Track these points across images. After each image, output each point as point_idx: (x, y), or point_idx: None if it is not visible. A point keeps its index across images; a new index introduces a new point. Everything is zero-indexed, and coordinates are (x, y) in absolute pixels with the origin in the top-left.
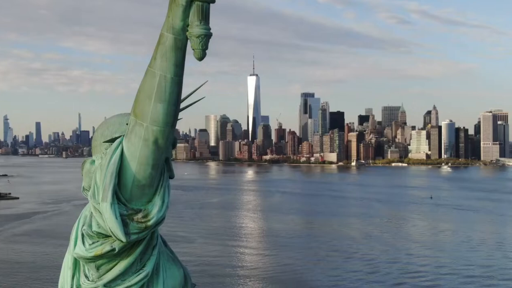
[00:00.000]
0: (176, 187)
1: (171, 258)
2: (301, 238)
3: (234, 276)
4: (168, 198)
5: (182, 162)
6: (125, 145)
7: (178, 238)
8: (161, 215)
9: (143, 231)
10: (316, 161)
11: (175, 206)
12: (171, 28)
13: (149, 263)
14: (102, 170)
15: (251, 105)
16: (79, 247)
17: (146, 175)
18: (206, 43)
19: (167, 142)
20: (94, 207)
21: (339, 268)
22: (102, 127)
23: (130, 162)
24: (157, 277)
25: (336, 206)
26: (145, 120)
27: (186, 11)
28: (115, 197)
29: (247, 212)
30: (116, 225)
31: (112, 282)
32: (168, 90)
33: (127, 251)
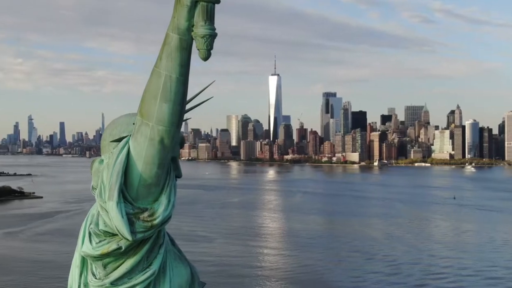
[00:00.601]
0: (197, 186)
1: (178, 256)
2: (322, 238)
3: (254, 277)
4: (174, 197)
5: (203, 162)
6: (132, 145)
7: (199, 237)
8: (167, 214)
9: (149, 230)
10: (338, 161)
11: (196, 206)
12: (176, 28)
13: (155, 261)
14: (109, 169)
15: (272, 105)
16: (86, 246)
17: (152, 174)
18: (211, 43)
19: (173, 142)
20: (101, 206)
21: (361, 269)
22: (111, 127)
23: (136, 162)
24: (164, 275)
25: (357, 207)
26: (150, 120)
27: (191, 12)
28: (121, 196)
29: (268, 212)
30: (122, 224)
31: (118, 280)
32: (174, 90)
33: (134, 249)
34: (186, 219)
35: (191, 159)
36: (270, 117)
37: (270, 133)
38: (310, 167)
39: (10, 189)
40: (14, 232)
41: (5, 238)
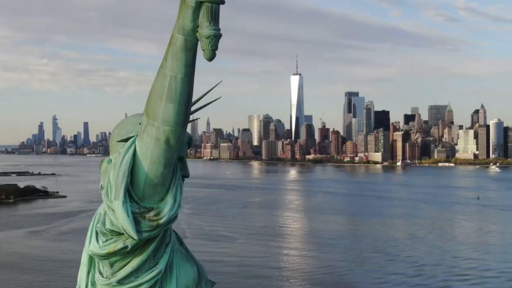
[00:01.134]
0: (218, 186)
1: (185, 256)
2: (344, 238)
3: (275, 277)
4: (180, 197)
5: (225, 161)
6: (138, 145)
7: (220, 237)
8: (172, 214)
9: (155, 229)
10: (360, 161)
11: (218, 205)
12: (182, 29)
13: (162, 260)
14: (115, 169)
15: (294, 104)
16: (93, 244)
17: (158, 174)
18: (215, 43)
19: (178, 142)
20: (107, 205)
21: (383, 270)
22: (119, 127)
23: (142, 161)
24: (171, 274)
25: (380, 207)
26: (156, 120)
27: (196, 12)
28: (127, 195)
29: (289, 212)
30: (128, 223)
31: (125, 279)
32: (179, 90)
33: (140, 248)
34: (207, 218)
35: (213, 158)
36: (292, 116)
37: (292, 133)
38: (332, 167)
39: (35, 188)
40: (38, 231)
41: (29, 237)
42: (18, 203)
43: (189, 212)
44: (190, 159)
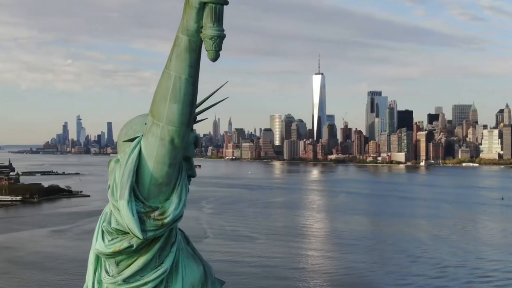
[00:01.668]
0: (240, 186)
1: (191, 255)
2: (366, 239)
3: (296, 278)
4: (185, 196)
5: (247, 161)
6: (143, 145)
7: (241, 237)
8: (177, 213)
9: (159, 229)
10: (383, 161)
11: (239, 205)
12: (186, 30)
13: (167, 259)
14: (121, 168)
15: (316, 104)
16: (99, 243)
17: (163, 174)
18: (219, 44)
19: (183, 142)
20: (113, 204)
21: (405, 271)
22: (126, 127)
23: (147, 161)
24: (176, 273)
25: (402, 207)
26: (161, 120)
27: (200, 13)
28: (132, 194)
29: (311, 212)
30: (133, 222)
31: (131, 277)
32: (183, 90)
33: (146, 247)
34: (229, 218)
35: (235, 158)
36: (313, 116)
37: (314, 132)
38: (354, 167)
39: (59, 187)
40: (61, 230)
41: (52, 236)
42: (42, 202)
43: (210, 212)
44: (212, 159)
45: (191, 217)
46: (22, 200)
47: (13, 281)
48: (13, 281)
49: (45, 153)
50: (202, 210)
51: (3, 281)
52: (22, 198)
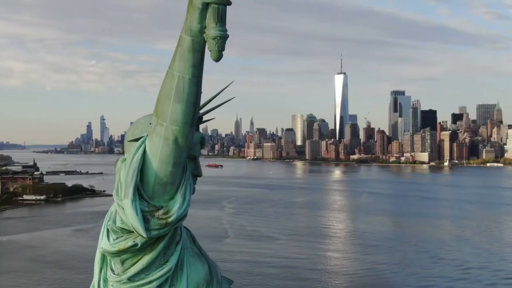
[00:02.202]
0: (261, 186)
1: (196, 254)
2: (388, 240)
3: (317, 279)
4: (189, 196)
5: (268, 161)
6: (148, 144)
7: (262, 237)
8: (181, 212)
9: (164, 227)
10: (406, 161)
11: (260, 205)
12: (189, 30)
13: (172, 258)
14: (126, 168)
15: (338, 104)
16: (104, 242)
17: (167, 173)
18: (222, 44)
19: (187, 141)
20: (117, 203)
21: (428, 272)
22: (133, 127)
23: (152, 161)
24: (181, 272)
25: (425, 208)
26: (165, 120)
27: (203, 14)
28: (136, 194)
29: (332, 213)
30: (137, 221)
31: (136, 276)
32: (187, 90)
33: (151, 246)
34: (250, 218)
35: (256, 158)
36: (336, 116)
37: (336, 132)
38: (377, 167)
39: (82, 187)
40: (84, 229)
41: (75, 235)
42: (66, 202)
43: (232, 211)
44: (234, 158)
45: (213, 217)
46: (46, 200)
47: (34, 280)
48: (34, 280)
49: (69, 153)
50: (224, 210)
51: (25, 279)
52: (46, 198)
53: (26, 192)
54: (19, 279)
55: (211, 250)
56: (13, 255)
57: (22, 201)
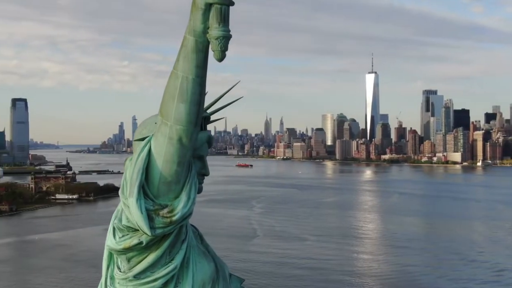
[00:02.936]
0: (291, 185)
1: (202, 252)
2: (420, 240)
3: (346, 281)
4: (194, 195)
5: (298, 161)
6: (153, 144)
7: (291, 237)
8: (186, 211)
9: (168, 226)
10: (438, 161)
11: (289, 205)
12: (193, 31)
13: (177, 256)
14: (131, 167)
15: (369, 103)
16: (110, 240)
17: (171, 172)
18: (225, 44)
19: (191, 141)
20: (123, 202)
21: (459, 274)
22: (141, 126)
23: (157, 160)
24: (187, 270)
25: (458, 208)
26: (169, 120)
27: (206, 14)
28: (141, 192)
29: (362, 213)
30: (142, 220)
31: (141, 273)
32: (190, 90)
33: (156, 244)
34: (279, 218)
35: (286, 158)
36: (366, 116)
37: (367, 132)
38: (408, 167)
39: (113, 186)
40: None
41: (105, 234)
42: (98, 201)
43: (260, 211)
44: (264, 158)
45: (242, 216)
46: (78, 199)
47: (64, 277)
48: (64, 277)
49: (101, 152)
50: (253, 210)
51: (56, 278)
52: (78, 197)
53: (58, 191)
54: (50, 277)
55: (240, 250)
56: (45, 253)
57: (54, 200)
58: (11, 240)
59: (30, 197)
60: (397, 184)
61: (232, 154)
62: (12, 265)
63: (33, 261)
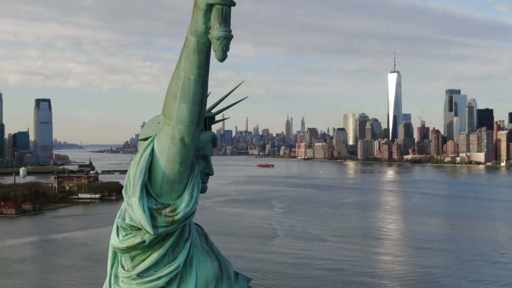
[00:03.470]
0: (312, 186)
1: (206, 251)
2: (442, 241)
3: (366, 283)
4: (197, 194)
5: (319, 161)
6: (156, 143)
7: (312, 237)
8: (188, 210)
9: (171, 225)
10: (461, 161)
11: (310, 205)
12: (194, 31)
13: (181, 255)
14: (134, 166)
15: (391, 103)
16: (113, 238)
17: (174, 172)
18: (226, 44)
19: (193, 140)
20: (126, 201)
21: (482, 275)
22: (146, 126)
23: (159, 159)
24: (190, 269)
25: (481, 209)
26: (171, 120)
27: (207, 15)
28: (144, 191)
29: (384, 214)
30: (144, 219)
31: (145, 272)
32: (192, 90)
33: (159, 243)
34: (299, 218)
35: (307, 158)
36: (389, 115)
37: (389, 132)
38: (431, 168)
39: None
40: None
41: None
42: (120, 200)
43: (281, 211)
44: (285, 158)
45: (262, 216)
46: (100, 198)
47: (82, 277)
48: (82, 277)
49: (124, 152)
50: (273, 210)
51: (77, 276)
52: (100, 196)
53: (81, 190)
54: (71, 276)
55: (260, 250)
56: (67, 252)
57: (77, 200)
58: (34, 239)
59: (53, 196)
60: (420, 184)
61: (253, 154)
62: (35, 264)
63: (55, 260)
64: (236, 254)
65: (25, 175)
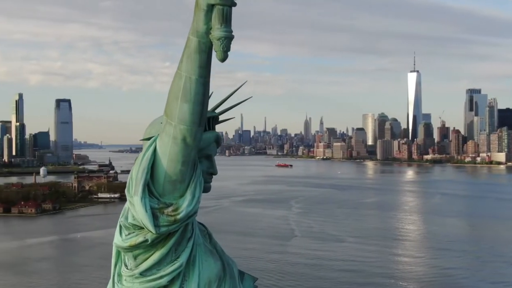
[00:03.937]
0: (330, 186)
1: (209, 251)
2: (462, 242)
3: (385, 283)
4: (199, 193)
5: (338, 161)
6: (158, 143)
7: (330, 238)
8: (190, 209)
9: (173, 224)
10: (482, 161)
11: (328, 205)
12: (196, 31)
13: (183, 254)
14: (136, 165)
15: (411, 102)
16: (116, 238)
17: (176, 171)
18: (227, 45)
19: (195, 140)
20: (128, 200)
21: (502, 277)
22: (150, 127)
23: (162, 159)
24: (193, 268)
25: (501, 209)
26: (173, 120)
27: (208, 15)
28: (146, 191)
29: (403, 214)
30: (146, 218)
31: (147, 271)
32: (194, 90)
33: (162, 242)
34: (317, 218)
35: (326, 158)
36: (408, 115)
37: (409, 132)
38: (451, 168)
39: None
40: None
41: None
42: None
43: (299, 211)
44: (303, 158)
45: (280, 216)
46: (119, 197)
47: (99, 276)
48: (99, 276)
49: None
50: (291, 210)
51: (95, 275)
52: (119, 196)
53: (101, 190)
54: (89, 275)
55: (277, 251)
56: (86, 251)
57: (96, 199)
58: (54, 238)
59: (73, 196)
60: (440, 184)
61: (272, 154)
62: (54, 263)
63: (74, 259)
64: (252, 254)
65: (45, 175)
